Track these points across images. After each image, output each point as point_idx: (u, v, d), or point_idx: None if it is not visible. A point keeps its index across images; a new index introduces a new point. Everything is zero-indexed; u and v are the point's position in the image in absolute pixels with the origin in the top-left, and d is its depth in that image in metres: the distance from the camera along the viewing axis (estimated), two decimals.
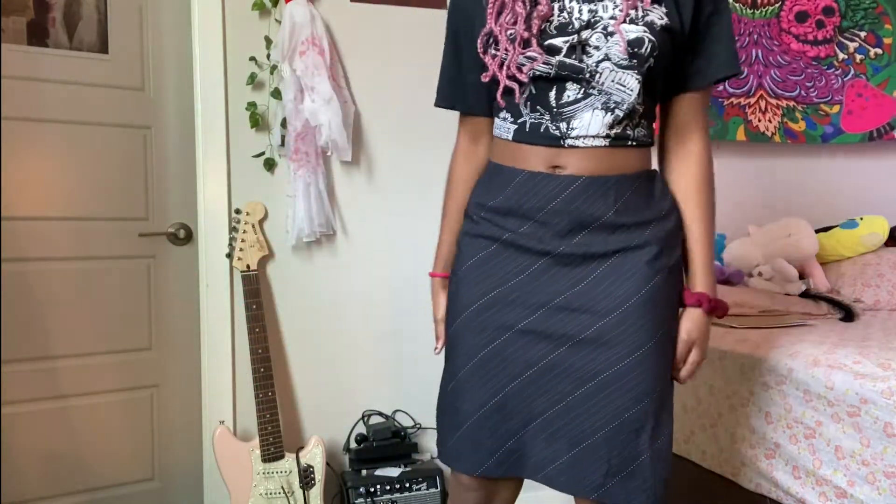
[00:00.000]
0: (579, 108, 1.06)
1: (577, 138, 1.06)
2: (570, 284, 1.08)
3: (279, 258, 2.05)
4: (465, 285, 1.15)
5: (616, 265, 1.07)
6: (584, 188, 1.07)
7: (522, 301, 1.10)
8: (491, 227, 1.14)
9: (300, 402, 2.09)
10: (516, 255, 1.11)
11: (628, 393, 1.05)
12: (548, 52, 1.04)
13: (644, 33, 1.02)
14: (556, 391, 1.08)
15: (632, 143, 1.10)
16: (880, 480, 1.29)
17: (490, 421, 1.11)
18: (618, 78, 1.04)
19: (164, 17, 2.02)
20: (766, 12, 2.59)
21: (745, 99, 2.54)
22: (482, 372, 1.11)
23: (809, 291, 2.16)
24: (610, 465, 1.05)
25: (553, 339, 1.08)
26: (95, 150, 1.95)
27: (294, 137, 1.95)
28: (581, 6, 1.05)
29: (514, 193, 1.10)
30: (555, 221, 1.08)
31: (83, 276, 1.94)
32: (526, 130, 1.10)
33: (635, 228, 1.08)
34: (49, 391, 1.90)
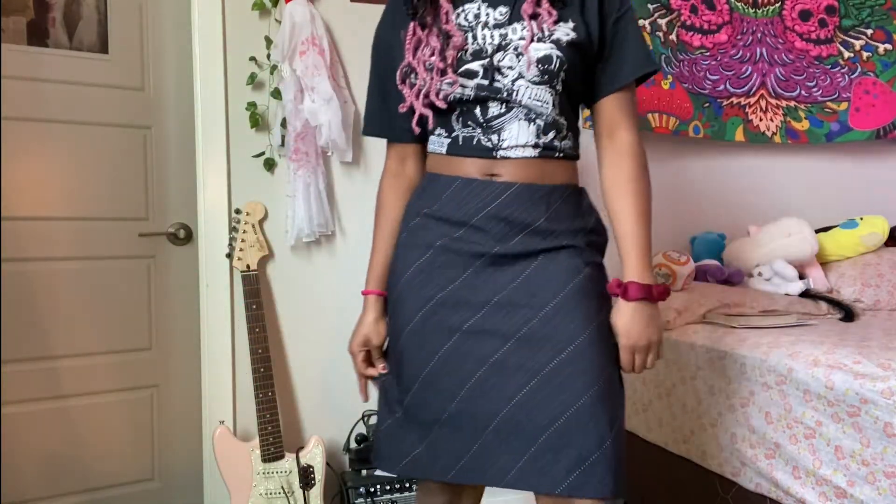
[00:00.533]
0: (506, 120, 1.13)
1: (508, 149, 1.13)
2: (507, 282, 1.12)
3: (279, 258, 2.05)
4: (406, 296, 1.18)
5: (547, 260, 1.12)
6: (519, 194, 1.12)
7: (465, 302, 1.12)
8: (426, 233, 1.17)
9: (300, 402, 2.09)
10: (453, 258, 1.14)
11: (580, 380, 1.06)
12: (466, 77, 1.12)
13: (552, 50, 1.10)
14: (509, 388, 1.09)
15: (559, 154, 1.16)
16: (880, 480, 1.30)
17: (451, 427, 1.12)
18: (533, 93, 1.12)
19: (164, 16, 2.02)
20: (768, 11, 2.59)
21: (745, 99, 2.54)
22: (438, 378, 1.13)
23: (809, 291, 2.16)
24: (571, 458, 1.05)
25: (498, 336, 1.10)
26: (95, 150, 1.95)
27: (294, 137, 1.95)
28: (493, 32, 1.13)
29: (451, 199, 1.15)
30: (490, 226, 1.12)
31: (83, 275, 1.94)
32: (459, 144, 1.16)
33: (564, 234, 1.14)
34: (49, 391, 1.90)
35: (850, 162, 2.79)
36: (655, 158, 2.50)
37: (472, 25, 1.15)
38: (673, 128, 2.42)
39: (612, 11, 1.16)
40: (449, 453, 1.13)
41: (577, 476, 1.04)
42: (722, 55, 2.51)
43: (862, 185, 2.79)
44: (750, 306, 1.96)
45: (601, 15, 1.15)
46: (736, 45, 2.53)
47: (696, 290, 2.06)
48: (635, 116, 1.20)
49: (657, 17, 2.42)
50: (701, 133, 2.47)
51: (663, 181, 2.54)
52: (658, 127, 2.40)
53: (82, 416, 1.94)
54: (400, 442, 1.18)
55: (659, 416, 1.94)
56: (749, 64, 2.54)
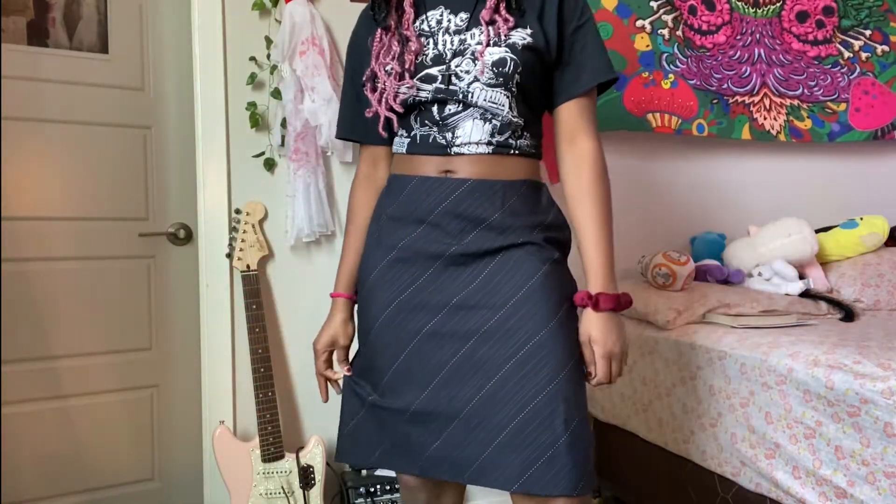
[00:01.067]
0: (460, 118, 1.17)
1: (461, 146, 1.16)
2: (466, 282, 1.14)
3: (279, 258, 2.05)
4: (371, 298, 1.22)
5: (505, 260, 1.13)
6: (472, 190, 1.15)
7: (425, 305, 1.15)
8: (388, 235, 1.21)
9: (300, 402, 2.09)
10: (413, 260, 1.17)
11: (533, 380, 1.07)
12: (426, 81, 1.16)
13: (506, 53, 1.13)
14: (470, 388, 1.11)
15: (514, 151, 1.18)
16: (880, 480, 1.30)
17: (417, 424, 1.15)
18: (489, 96, 1.15)
19: (164, 17, 2.02)
20: (768, 11, 2.59)
21: (749, 97, 2.53)
22: (402, 379, 1.16)
23: (809, 292, 2.16)
24: (526, 456, 1.06)
25: (458, 337, 1.12)
26: (95, 150, 1.95)
27: (294, 137, 1.95)
28: (453, 37, 1.17)
29: (407, 198, 1.19)
30: (445, 223, 1.15)
31: (83, 275, 1.94)
32: (417, 142, 1.20)
33: (522, 229, 1.15)
34: (49, 391, 1.90)
35: (850, 162, 2.79)
36: (655, 159, 2.51)
37: (433, 31, 1.19)
38: (675, 127, 2.40)
39: (571, 19, 1.19)
40: (413, 449, 1.16)
41: (532, 473, 1.05)
42: (722, 55, 2.51)
43: (862, 185, 2.79)
44: (750, 306, 1.96)
45: (560, 22, 1.18)
46: (735, 46, 2.53)
47: (696, 290, 2.06)
48: (595, 123, 1.22)
49: (662, 14, 2.41)
50: (706, 131, 2.44)
51: (663, 181, 2.54)
52: (659, 127, 2.39)
53: (82, 416, 1.94)
54: (368, 437, 1.22)
55: (659, 416, 1.94)
56: (748, 64, 2.54)
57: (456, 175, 1.16)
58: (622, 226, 2.45)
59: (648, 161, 2.50)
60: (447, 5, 1.20)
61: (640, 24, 2.37)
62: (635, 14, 2.37)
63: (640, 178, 2.49)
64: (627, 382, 2.09)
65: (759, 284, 2.18)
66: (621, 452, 2.14)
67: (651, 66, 2.38)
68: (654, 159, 2.51)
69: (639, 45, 2.37)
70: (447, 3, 1.20)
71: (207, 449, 1.97)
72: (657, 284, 2.10)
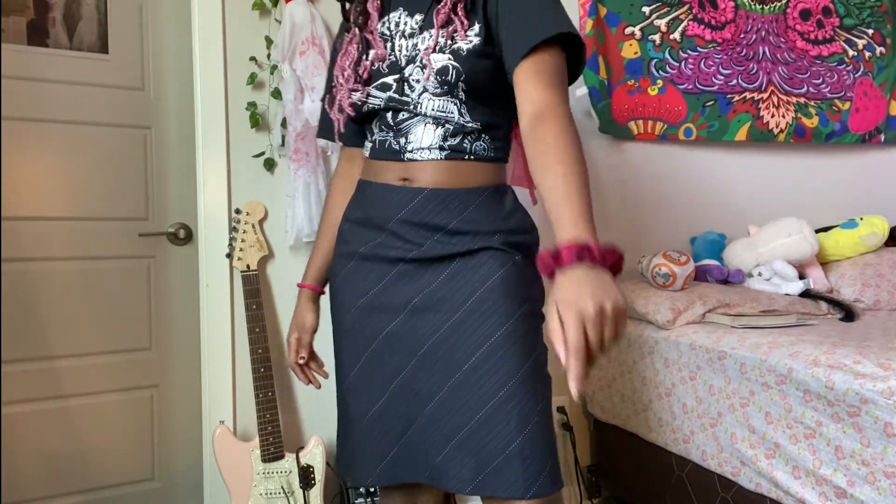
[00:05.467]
0: (412, 123, 1.14)
1: (413, 151, 1.14)
2: (423, 285, 1.12)
3: (279, 258, 2.05)
4: (337, 301, 1.23)
5: (463, 263, 1.11)
6: (429, 199, 1.12)
7: (385, 307, 1.15)
8: (352, 239, 1.21)
9: (300, 402, 2.09)
10: (374, 265, 1.17)
11: (488, 383, 1.05)
12: (381, 90, 1.15)
13: (448, 61, 1.09)
14: (427, 391, 1.10)
15: (469, 156, 1.14)
16: (880, 480, 1.30)
17: (374, 429, 1.15)
18: (437, 105, 1.12)
19: (164, 17, 2.02)
20: (774, 8, 2.59)
21: (758, 94, 2.54)
22: (361, 381, 1.17)
23: (809, 291, 2.16)
24: (479, 459, 1.04)
25: (416, 339, 1.11)
26: (95, 150, 1.95)
27: (294, 137, 1.95)
28: (407, 42, 1.14)
29: (369, 205, 1.18)
30: (403, 231, 1.13)
31: (83, 276, 1.94)
32: (377, 147, 1.19)
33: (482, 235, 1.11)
34: (49, 391, 1.90)
35: (851, 162, 2.79)
36: (655, 158, 2.51)
37: (392, 34, 1.16)
38: (660, 133, 2.43)
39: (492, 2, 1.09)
40: (370, 456, 1.16)
41: (485, 476, 1.03)
42: (731, 51, 2.51)
43: (862, 184, 2.79)
44: (750, 306, 1.96)
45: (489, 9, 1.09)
46: (740, 44, 2.53)
47: (696, 290, 2.06)
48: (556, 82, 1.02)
49: (654, 19, 2.42)
50: (693, 135, 2.47)
51: (663, 181, 2.54)
52: (641, 134, 2.41)
53: (82, 416, 1.94)
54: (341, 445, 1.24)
55: (659, 416, 1.94)
56: (754, 62, 2.54)
57: (413, 184, 1.14)
58: (623, 225, 2.46)
59: (649, 161, 2.50)
60: (405, 6, 1.16)
61: (629, 31, 2.39)
62: (625, 21, 2.38)
63: (641, 178, 2.49)
64: (627, 382, 2.09)
65: (759, 284, 2.18)
66: (621, 452, 2.14)
67: (638, 74, 2.39)
68: (654, 159, 2.51)
69: (626, 53, 2.39)
70: (405, 4, 1.16)
71: (207, 449, 1.97)
72: (657, 284, 2.11)
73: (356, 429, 1.18)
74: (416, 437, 1.12)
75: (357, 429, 1.18)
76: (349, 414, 1.20)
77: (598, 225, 1.33)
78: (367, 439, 1.17)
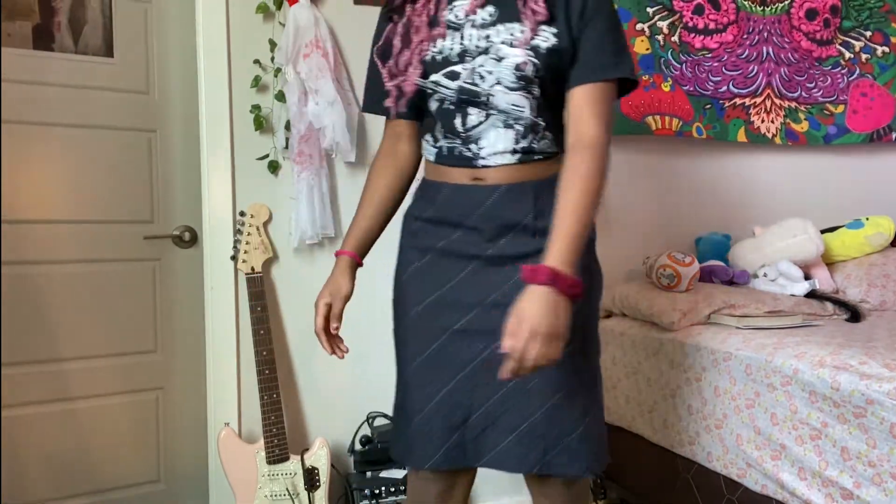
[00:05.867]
0: (483, 129, 1.17)
1: (487, 157, 1.17)
2: (498, 284, 1.17)
3: (283, 260, 2.06)
4: (406, 293, 1.26)
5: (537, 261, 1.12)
6: (504, 195, 1.17)
7: (458, 302, 1.19)
8: (425, 237, 1.24)
9: (305, 403, 2.09)
10: (450, 261, 1.21)
11: (559, 376, 1.15)
12: (450, 78, 1.16)
13: (528, 57, 1.12)
14: (493, 383, 1.16)
15: (538, 156, 1.19)
16: (887, 482, 1.29)
17: (437, 416, 1.20)
18: (510, 99, 1.15)
19: (168, 21, 2.03)
20: (776, 9, 2.58)
21: (750, 99, 2.53)
22: (426, 372, 1.21)
23: (815, 292, 2.15)
24: (547, 442, 1.16)
25: (487, 335, 1.15)
26: (101, 153, 1.96)
27: (298, 140, 1.96)
28: (479, 32, 1.15)
29: (442, 204, 1.22)
30: (481, 227, 1.18)
31: (88, 278, 1.95)
32: (444, 154, 1.22)
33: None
34: (55, 393, 1.90)
35: (856, 162, 2.78)
36: (661, 159, 2.50)
37: (461, 23, 1.17)
38: (676, 129, 2.42)
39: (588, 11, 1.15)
40: (430, 442, 1.20)
41: (551, 458, 1.16)
42: (729, 54, 2.50)
43: (867, 185, 2.78)
44: (755, 307, 1.96)
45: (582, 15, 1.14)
46: (742, 45, 2.53)
47: (701, 291, 2.06)
48: (603, 114, 1.15)
49: (657, 20, 2.42)
50: (704, 134, 2.47)
51: (668, 182, 2.53)
52: (659, 129, 2.40)
53: (88, 418, 1.94)
54: (398, 430, 1.28)
55: (664, 418, 1.93)
56: (755, 63, 2.54)
57: (486, 182, 1.18)
58: (627, 226, 2.45)
59: (654, 162, 2.50)
60: None
61: (639, 28, 2.38)
62: (636, 17, 2.38)
63: (646, 179, 2.49)
64: (632, 384, 2.08)
65: (764, 285, 2.17)
66: (627, 454, 2.13)
67: (651, 69, 2.39)
68: (659, 160, 2.51)
69: (639, 49, 2.38)
70: None
71: (212, 451, 1.97)
72: (662, 285, 2.10)
73: (418, 416, 1.21)
74: (479, 424, 1.18)
75: (419, 416, 1.21)
76: (411, 402, 1.23)
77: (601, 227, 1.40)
78: (428, 426, 1.20)
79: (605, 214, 2.39)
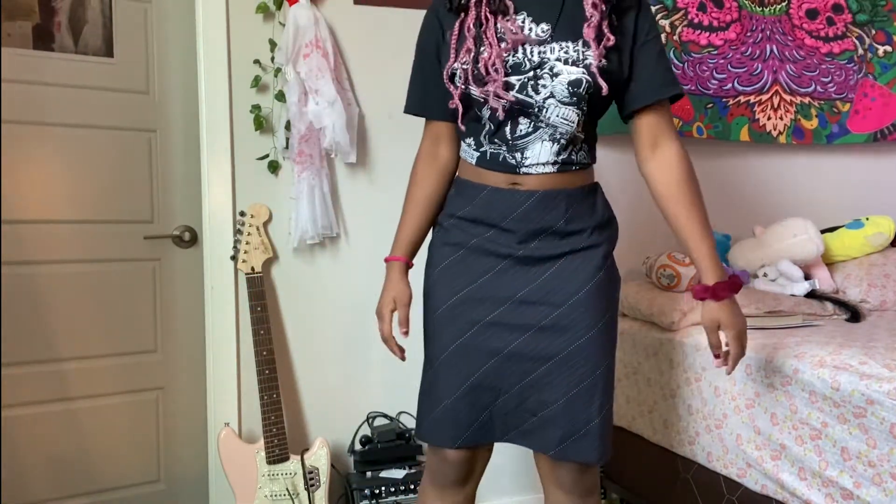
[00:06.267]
0: (530, 140, 1.25)
1: (529, 166, 1.25)
2: (528, 281, 1.26)
3: (283, 260, 2.06)
4: (438, 286, 1.32)
5: (566, 264, 1.26)
6: (540, 201, 1.25)
7: (489, 297, 1.27)
8: (459, 233, 1.31)
9: (305, 403, 2.09)
10: (482, 257, 1.29)
11: (581, 368, 1.24)
12: (504, 88, 1.21)
13: (582, 74, 1.19)
14: (521, 371, 1.26)
15: (576, 167, 1.28)
16: (887, 482, 1.29)
17: (465, 400, 1.28)
18: (561, 113, 1.22)
19: (168, 21, 2.03)
20: (775, 10, 2.58)
21: (755, 96, 2.52)
22: (456, 359, 1.28)
23: (815, 292, 2.15)
24: (566, 429, 1.24)
25: (516, 328, 1.26)
26: (101, 153, 1.96)
27: (298, 140, 1.96)
28: (534, 48, 1.22)
29: (481, 205, 1.29)
30: (515, 229, 1.26)
31: (88, 278, 1.95)
32: (487, 159, 1.28)
33: (581, 233, 1.27)
34: (55, 393, 1.90)
35: (856, 162, 2.78)
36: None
37: None
38: (677, 128, 2.40)
39: (642, 33, 1.25)
40: (458, 425, 1.28)
41: (568, 444, 1.25)
42: (733, 52, 2.50)
43: (868, 185, 2.78)
44: (755, 307, 1.96)
45: (634, 37, 1.24)
46: (746, 42, 2.52)
47: None
48: (674, 128, 1.31)
49: (660, 19, 2.41)
50: (705, 134, 2.47)
51: None
52: None
53: (88, 418, 1.95)
54: (425, 413, 1.33)
55: (664, 418, 1.93)
56: (759, 61, 2.53)
57: (523, 187, 1.26)
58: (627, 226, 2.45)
59: None
60: (529, 12, 1.23)
61: None
62: None
63: None
64: (632, 384, 2.08)
65: (764, 285, 2.17)
66: (627, 454, 2.13)
67: None
68: None
69: None
70: (530, 11, 1.23)
71: (213, 451, 1.97)
72: (662, 285, 2.10)
73: (448, 400, 1.28)
74: (504, 407, 1.28)
75: (448, 400, 1.28)
76: (438, 387, 1.30)
77: None
78: (456, 410, 1.28)
79: None
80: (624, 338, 2.14)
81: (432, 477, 1.39)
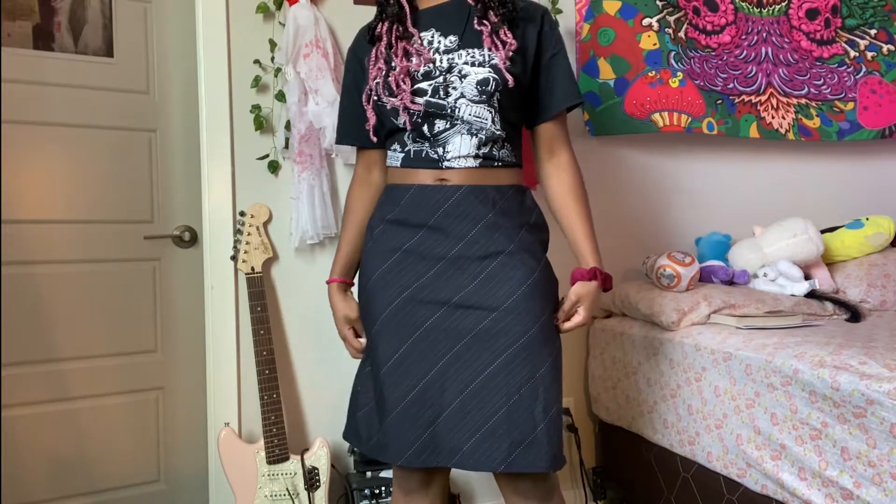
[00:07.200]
0: (450, 134, 1.31)
1: (452, 160, 1.30)
2: (465, 283, 1.27)
3: (283, 260, 2.06)
4: (375, 295, 1.33)
5: (499, 267, 1.27)
6: (467, 194, 1.29)
7: (427, 301, 1.28)
8: (390, 238, 1.33)
9: (305, 403, 2.09)
10: (416, 261, 1.30)
11: (520, 374, 1.22)
12: (416, 94, 1.30)
13: (489, 73, 1.28)
14: (461, 380, 1.24)
15: (498, 163, 1.34)
16: (887, 482, 1.29)
17: (408, 416, 1.26)
18: (473, 111, 1.29)
19: (168, 21, 2.03)
20: (774, 10, 2.58)
21: (755, 97, 2.52)
22: (401, 369, 1.28)
23: (815, 292, 2.15)
24: (512, 439, 1.21)
25: (455, 333, 1.26)
26: (101, 153, 1.96)
27: (298, 140, 1.96)
28: (443, 56, 1.31)
29: (408, 204, 1.32)
30: (444, 226, 1.28)
31: (89, 278, 1.95)
32: (411, 157, 1.34)
33: (513, 231, 1.30)
34: (55, 393, 1.90)
35: (856, 162, 2.78)
36: (659, 159, 2.50)
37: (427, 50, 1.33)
38: (686, 125, 2.35)
39: (548, 48, 1.37)
40: (403, 438, 1.26)
41: (516, 455, 1.21)
42: (728, 55, 2.50)
43: (868, 185, 2.79)
44: (755, 307, 1.96)
45: (538, 50, 1.35)
46: (740, 46, 2.52)
47: (700, 290, 2.06)
48: (568, 137, 1.43)
49: (666, 14, 2.40)
50: (715, 130, 2.40)
51: (668, 183, 2.53)
52: (667, 126, 2.34)
53: (88, 418, 1.95)
54: (368, 426, 1.34)
55: (664, 418, 1.94)
56: (753, 64, 2.53)
57: (450, 182, 1.30)
58: (627, 226, 2.45)
59: (653, 161, 2.50)
60: (437, 27, 1.34)
61: (646, 23, 2.35)
62: (641, 13, 2.35)
63: (645, 179, 2.49)
64: (632, 384, 2.08)
65: (764, 285, 2.17)
66: (626, 454, 2.14)
67: (658, 65, 2.34)
68: (658, 160, 2.51)
69: (645, 45, 2.35)
70: (437, 26, 1.34)
71: (213, 451, 1.97)
72: (662, 285, 2.10)
73: (392, 414, 1.27)
74: (447, 423, 1.24)
75: (393, 413, 1.27)
76: (384, 399, 1.29)
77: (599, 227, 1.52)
78: (401, 424, 1.26)
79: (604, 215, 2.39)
80: (624, 338, 2.14)
81: (398, 482, 1.41)
